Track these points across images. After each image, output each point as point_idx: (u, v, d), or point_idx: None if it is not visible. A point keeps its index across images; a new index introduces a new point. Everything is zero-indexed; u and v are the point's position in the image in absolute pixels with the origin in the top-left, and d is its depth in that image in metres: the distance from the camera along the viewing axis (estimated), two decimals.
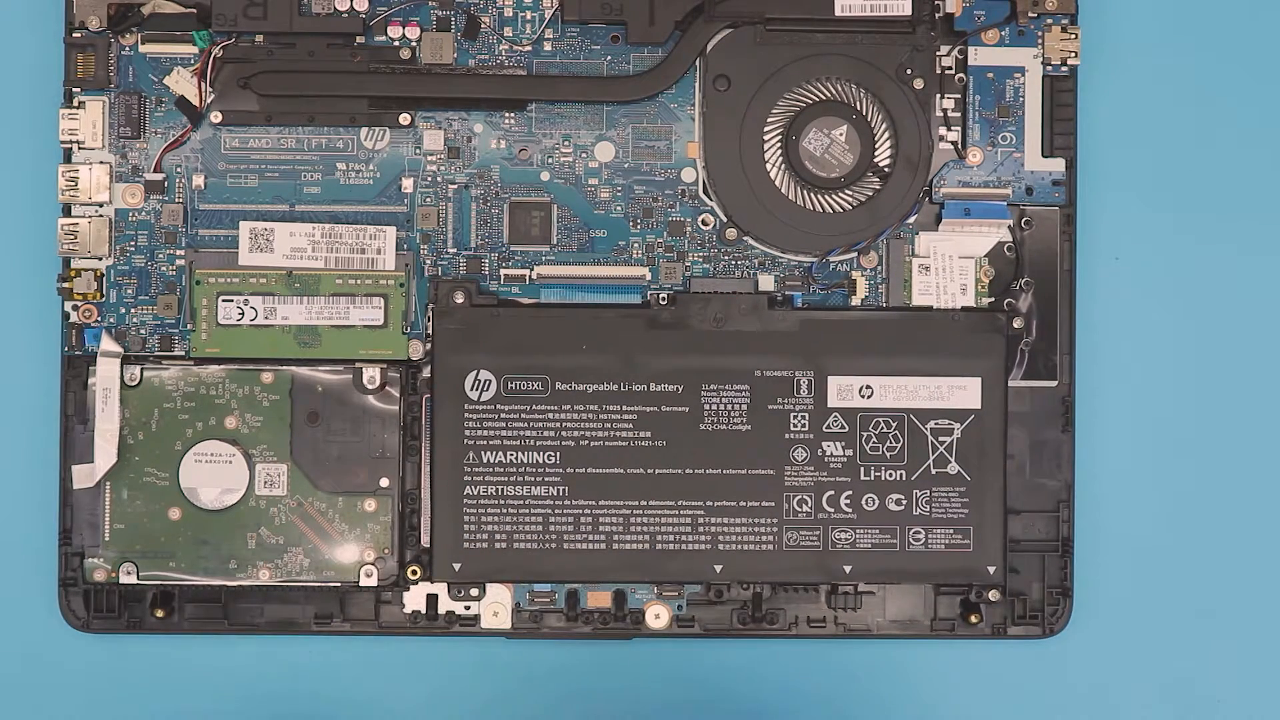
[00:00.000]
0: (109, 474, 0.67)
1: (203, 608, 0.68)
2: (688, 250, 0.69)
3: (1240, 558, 0.71)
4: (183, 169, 0.68)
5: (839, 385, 0.68)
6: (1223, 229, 0.71)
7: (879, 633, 0.69)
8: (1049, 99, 0.69)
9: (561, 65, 0.69)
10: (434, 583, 0.68)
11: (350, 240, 0.68)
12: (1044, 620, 0.69)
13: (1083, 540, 0.70)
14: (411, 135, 0.69)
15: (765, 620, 0.69)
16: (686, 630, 0.69)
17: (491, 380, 0.67)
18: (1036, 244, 0.69)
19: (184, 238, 0.68)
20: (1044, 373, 0.69)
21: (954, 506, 0.68)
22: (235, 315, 0.68)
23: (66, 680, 0.70)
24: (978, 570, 0.68)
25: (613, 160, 0.69)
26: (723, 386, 0.68)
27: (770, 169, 0.68)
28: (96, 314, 0.68)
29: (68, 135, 0.68)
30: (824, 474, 0.68)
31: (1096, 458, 0.70)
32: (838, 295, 0.69)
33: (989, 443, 0.68)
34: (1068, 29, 0.69)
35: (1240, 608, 0.71)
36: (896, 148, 0.68)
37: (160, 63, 0.68)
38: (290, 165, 0.69)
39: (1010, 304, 0.69)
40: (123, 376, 0.67)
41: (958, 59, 0.69)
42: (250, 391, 0.68)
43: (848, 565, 0.68)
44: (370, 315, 0.68)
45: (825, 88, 0.68)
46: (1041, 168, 0.69)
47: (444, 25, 0.69)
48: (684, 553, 0.67)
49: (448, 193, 0.69)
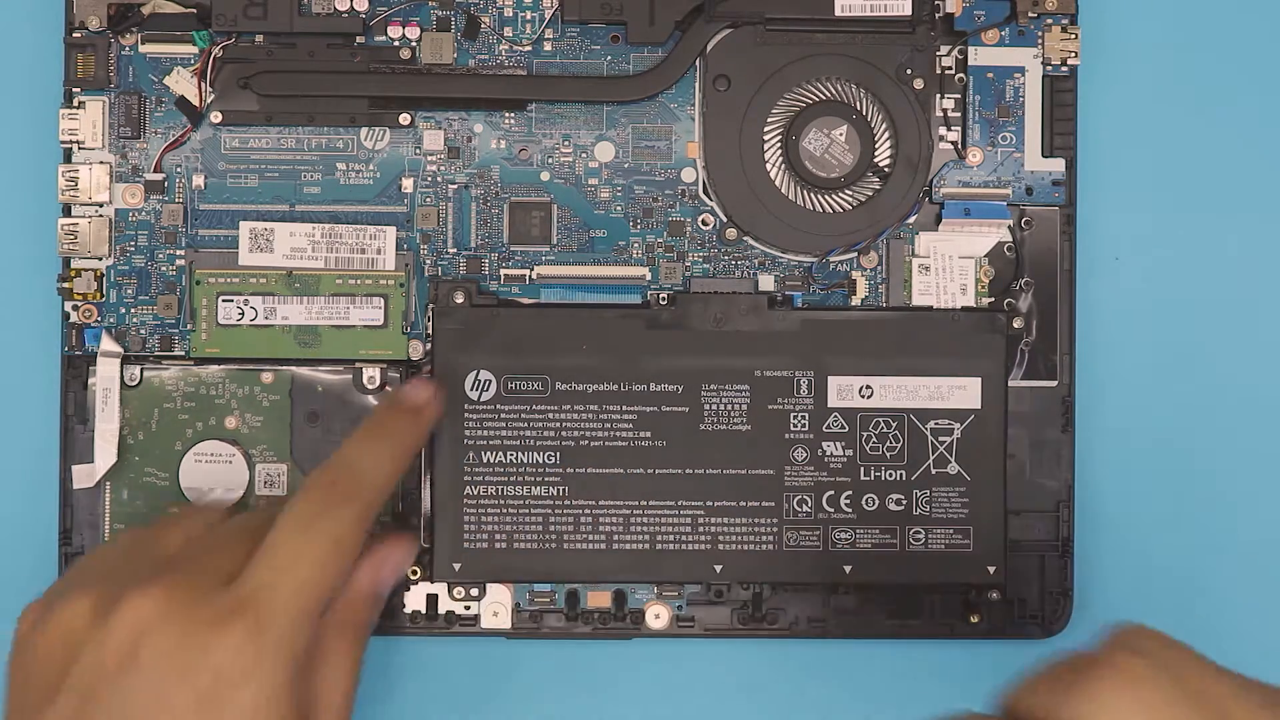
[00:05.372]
0: (109, 474, 0.67)
1: None
2: (688, 250, 0.69)
3: (1240, 558, 0.71)
4: (183, 169, 0.69)
5: (839, 385, 0.68)
6: (1223, 229, 0.71)
7: (879, 633, 0.69)
8: (1049, 99, 0.69)
9: (561, 65, 0.69)
10: (434, 583, 0.68)
11: (350, 240, 0.68)
12: (1044, 620, 0.69)
13: (1083, 540, 0.70)
14: (411, 135, 0.69)
15: (765, 620, 0.69)
16: (686, 630, 0.69)
17: (491, 380, 0.67)
18: (1036, 244, 0.69)
19: (184, 238, 0.68)
20: (1044, 373, 0.69)
21: (954, 506, 0.68)
22: (235, 315, 0.68)
23: None
24: (978, 570, 0.68)
25: (613, 160, 0.69)
26: (723, 386, 0.68)
27: (770, 169, 0.68)
28: (96, 314, 0.68)
29: (68, 135, 0.68)
30: (824, 474, 0.68)
31: (1096, 458, 0.70)
32: (838, 295, 0.69)
33: (989, 443, 0.68)
34: (1068, 29, 0.69)
35: (1240, 608, 0.71)
36: (896, 148, 0.68)
37: (160, 63, 0.68)
38: (290, 165, 0.69)
39: (1010, 304, 0.69)
40: (123, 376, 0.68)
41: (958, 59, 0.69)
42: (250, 391, 0.68)
43: (848, 565, 0.68)
44: (370, 315, 0.68)
45: (825, 88, 0.68)
46: (1041, 168, 0.69)
47: (444, 25, 0.69)
48: (684, 553, 0.67)
49: (448, 193, 0.69)
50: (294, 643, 0.56)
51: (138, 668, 0.54)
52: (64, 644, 0.55)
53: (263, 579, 0.56)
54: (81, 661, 0.55)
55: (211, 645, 0.54)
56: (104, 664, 0.54)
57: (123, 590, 0.55)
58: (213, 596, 0.56)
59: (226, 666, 0.54)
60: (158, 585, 0.55)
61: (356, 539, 0.59)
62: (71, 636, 0.55)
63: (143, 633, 0.54)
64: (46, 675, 0.55)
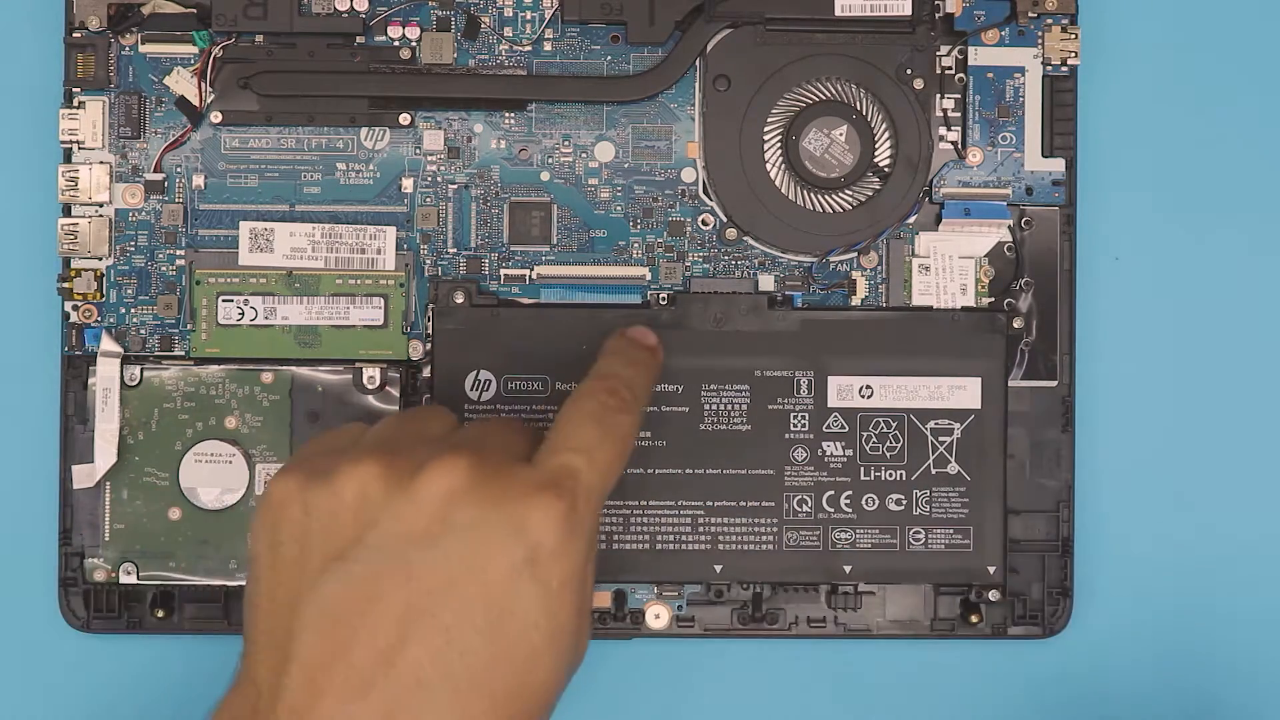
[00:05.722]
0: (109, 474, 0.67)
1: (203, 608, 0.68)
2: (688, 250, 0.69)
3: (1240, 557, 0.71)
4: (183, 169, 0.69)
5: (839, 385, 0.68)
6: (1223, 229, 0.71)
7: (879, 633, 0.69)
8: (1049, 99, 0.69)
9: (561, 65, 0.69)
10: None
11: (350, 240, 0.68)
12: (1044, 620, 0.69)
13: (1083, 540, 0.70)
14: (411, 135, 0.69)
15: (765, 620, 0.69)
16: (686, 630, 0.69)
17: (491, 380, 0.67)
18: (1036, 244, 0.69)
19: (184, 238, 0.68)
20: (1044, 373, 0.69)
21: (954, 506, 0.68)
22: (235, 315, 0.68)
23: (66, 680, 0.70)
24: (978, 570, 0.68)
25: (613, 160, 0.69)
26: (723, 386, 0.68)
27: (770, 169, 0.68)
28: (96, 314, 0.68)
29: (68, 135, 0.68)
30: (824, 474, 0.68)
31: (1096, 458, 0.70)
32: (838, 295, 0.69)
33: (989, 443, 0.68)
34: (1068, 29, 0.69)
35: (1240, 608, 0.71)
36: (896, 148, 0.68)
37: (160, 63, 0.68)
38: (290, 165, 0.69)
39: (1010, 304, 0.69)
40: (123, 376, 0.68)
41: (958, 59, 0.69)
42: (250, 391, 0.68)
43: (848, 565, 0.68)
44: (370, 315, 0.68)
45: (825, 88, 0.68)
46: (1041, 168, 0.69)
47: (444, 25, 0.69)
48: (684, 553, 0.67)
49: (448, 193, 0.69)
50: (595, 525, 0.56)
51: (448, 533, 0.54)
52: (355, 507, 0.55)
53: (571, 461, 0.56)
54: (381, 525, 0.54)
55: (528, 518, 0.54)
56: (410, 528, 0.54)
57: (424, 460, 0.55)
58: (519, 471, 0.56)
59: (543, 539, 0.54)
60: (463, 456, 0.55)
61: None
62: (365, 500, 0.55)
63: (453, 500, 0.54)
64: (330, 536, 0.55)
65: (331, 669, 0.53)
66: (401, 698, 0.53)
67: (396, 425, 0.59)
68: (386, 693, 0.53)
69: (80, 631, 0.68)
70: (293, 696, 0.53)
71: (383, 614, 0.53)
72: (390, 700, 0.53)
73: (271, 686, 0.54)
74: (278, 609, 0.55)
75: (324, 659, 0.53)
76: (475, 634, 0.53)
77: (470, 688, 0.53)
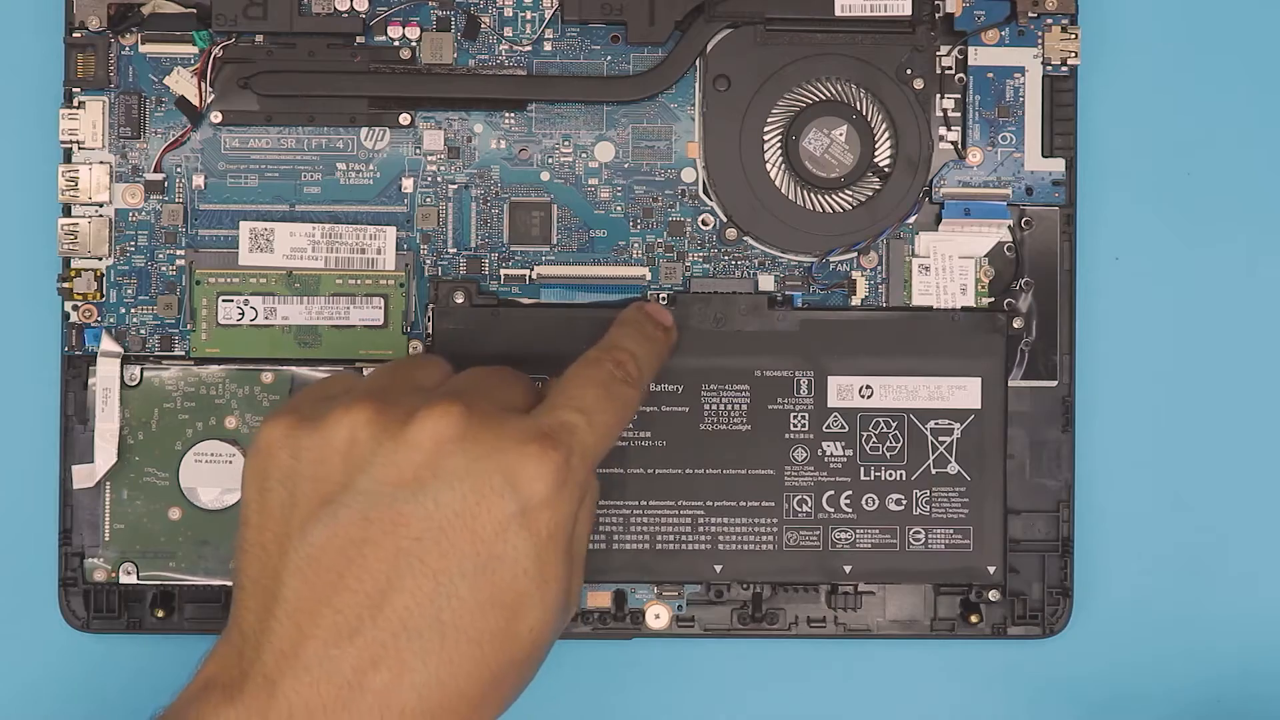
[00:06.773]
0: (109, 474, 0.67)
1: (203, 608, 0.68)
2: (688, 250, 0.69)
3: (1240, 557, 0.71)
4: (183, 169, 0.69)
5: (839, 385, 0.68)
6: (1223, 229, 0.71)
7: (879, 633, 0.69)
8: (1049, 99, 0.69)
9: (561, 65, 0.69)
10: None
11: (350, 240, 0.68)
12: (1044, 620, 0.69)
13: (1083, 540, 0.70)
14: (411, 135, 0.69)
15: (765, 620, 0.69)
16: (686, 630, 0.69)
17: None
18: (1036, 244, 0.69)
19: (184, 238, 0.68)
20: (1044, 373, 0.69)
21: (954, 506, 0.68)
22: (235, 315, 0.68)
23: (66, 680, 0.70)
24: (978, 570, 0.68)
25: (613, 160, 0.69)
26: (723, 386, 0.68)
27: (770, 169, 0.68)
28: (96, 314, 0.68)
29: (68, 135, 0.68)
30: (824, 474, 0.68)
31: (1096, 458, 0.70)
32: (838, 295, 0.69)
33: (989, 443, 0.68)
34: (1068, 29, 0.69)
35: (1240, 608, 0.71)
36: (896, 148, 0.68)
37: (160, 63, 0.68)
38: (290, 165, 0.69)
39: (1010, 304, 0.69)
40: (123, 376, 0.68)
41: (958, 59, 0.69)
42: (250, 391, 0.68)
43: (848, 565, 0.68)
44: (370, 315, 0.68)
45: (825, 88, 0.68)
46: (1041, 168, 0.69)
47: (444, 25, 0.69)
48: (684, 553, 0.67)
49: (448, 193, 0.69)
50: (586, 482, 0.57)
51: (439, 480, 0.54)
52: (344, 452, 0.55)
53: (568, 418, 0.57)
54: (370, 471, 0.54)
55: (520, 468, 0.54)
56: (400, 474, 0.54)
57: (417, 406, 0.55)
58: (513, 421, 0.56)
59: (535, 489, 0.54)
60: (457, 404, 0.55)
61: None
62: (354, 445, 0.55)
63: (444, 447, 0.54)
64: (318, 481, 0.55)
65: (318, 613, 0.53)
66: (388, 642, 0.53)
67: (390, 373, 0.60)
68: (372, 637, 0.53)
69: (80, 631, 0.68)
70: (278, 640, 0.53)
71: (370, 559, 0.53)
72: (376, 645, 0.53)
73: (257, 631, 0.54)
74: (266, 554, 0.55)
75: (310, 603, 0.53)
76: (463, 580, 0.53)
77: (457, 634, 0.53)
